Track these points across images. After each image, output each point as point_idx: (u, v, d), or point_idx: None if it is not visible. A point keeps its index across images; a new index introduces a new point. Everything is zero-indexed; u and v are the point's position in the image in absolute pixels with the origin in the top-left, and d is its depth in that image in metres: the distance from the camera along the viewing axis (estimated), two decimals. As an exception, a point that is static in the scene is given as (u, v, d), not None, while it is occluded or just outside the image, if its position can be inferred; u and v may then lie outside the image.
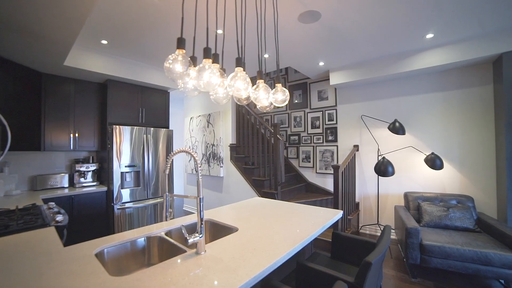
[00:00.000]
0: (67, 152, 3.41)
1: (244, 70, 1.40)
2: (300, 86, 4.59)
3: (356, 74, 3.55)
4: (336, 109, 4.14)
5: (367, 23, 2.44)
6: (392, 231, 3.54)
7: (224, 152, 4.56)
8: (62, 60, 2.64)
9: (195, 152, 4.96)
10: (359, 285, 1.17)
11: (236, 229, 1.54)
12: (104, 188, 3.19)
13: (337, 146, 4.12)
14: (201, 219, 1.15)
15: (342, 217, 3.04)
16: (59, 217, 1.74)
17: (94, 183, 3.35)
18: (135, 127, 3.36)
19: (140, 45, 2.89)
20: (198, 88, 1.18)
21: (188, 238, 1.09)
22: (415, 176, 3.43)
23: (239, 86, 1.33)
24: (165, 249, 1.43)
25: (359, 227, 3.84)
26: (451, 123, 3.21)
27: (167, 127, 3.97)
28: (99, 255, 1.23)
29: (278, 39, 2.76)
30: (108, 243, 1.29)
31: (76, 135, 3.22)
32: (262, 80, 1.48)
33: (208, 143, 4.82)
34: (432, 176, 3.31)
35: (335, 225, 2.90)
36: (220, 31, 2.52)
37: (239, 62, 1.32)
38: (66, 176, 3.22)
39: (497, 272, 2.18)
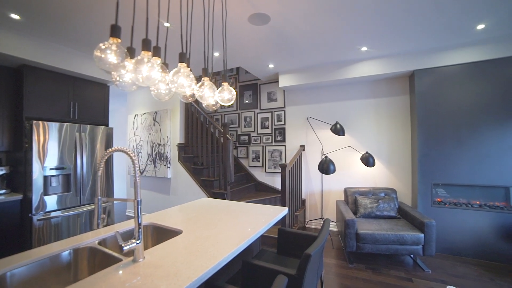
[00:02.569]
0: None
1: (188, 66, 1.34)
2: (251, 86, 4.67)
3: (303, 78, 3.78)
4: (284, 111, 4.34)
5: (313, 31, 2.62)
6: (334, 223, 3.88)
7: (172, 152, 4.33)
8: None
9: (139, 152, 4.63)
10: (300, 276, 1.24)
11: (180, 232, 1.48)
12: (19, 196, 2.66)
13: (285, 146, 4.32)
14: (139, 224, 1.06)
15: (289, 213, 3.19)
16: None
17: (3, 191, 2.74)
18: (66, 123, 2.92)
19: (70, 27, 2.50)
20: (137, 82, 1.08)
21: (123, 245, 0.99)
22: (353, 173, 3.82)
23: (182, 82, 1.27)
24: (97, 261, 1.28)
25: (306, 222, 4.09)
26: (381, 126, 3.68)
27: (107, 124, 3.58)
28: (-1, 282, 0.99)
29: (228, 38, 2.74)
30: (15, 263, 1.06)
31: (-26, 131, 2.60)
32: (207, 78, 1.44)
33: (154, 143, 4.51)
34: (366, 173, 3.74)
35: (282, 222, 3.03)
36: (167, 24, 2.38)
37: (183, 58, 1.26)
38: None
39: (409, 249, 2.63)
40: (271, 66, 3.68)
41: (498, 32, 2.68)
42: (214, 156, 3.78)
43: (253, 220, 1.68)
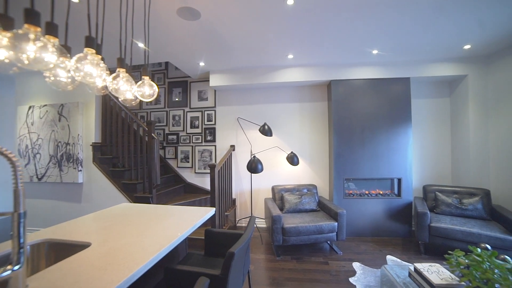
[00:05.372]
0: None
1: (99, 54, 1.16)
2: (181, 84, 4.44)
3: (234, 79, 3.83)
4: (215, 110, 4.30)
5: (245, 34, 2.68)
6: (264, 220, 4.06)
7: (85, 153, 3.71)
8: None
9: (37, 153, 3.77)
10: (224, 275, 1.23)
11: (88, 245, 1.26)
12: None
13: (215, 146, 4.28)
14: (20, 243, 0.84)
15: (218, 214, 3.17)
16: None
17: None
18: None
19: None
20: (19, 64, 0.85)
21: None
22: (280, 171, 4.09)
23: (90, 71, 1.09)
24: None
25: (237, 221, 4.14)
26: (305, 128, 4.06)
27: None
28: None
29: (155, 29, 2.53)
30: None
31: None
32: (124, 70, 1.28)
33: (59, 142, 3.77)
34: (291, 171, 4.07)
35: (212, 223, 2.99)
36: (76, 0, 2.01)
37: (90, 42, 1.08)
38: None
39: (326, 236, 2.99)
40: (202, 64, 3.59)
41: (386, 58, 3.44)
42: (138, 156, 3.42)
43: (178, 224, 1.59)
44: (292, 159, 3.69)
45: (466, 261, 1.47)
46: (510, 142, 3.02)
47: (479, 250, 1.49)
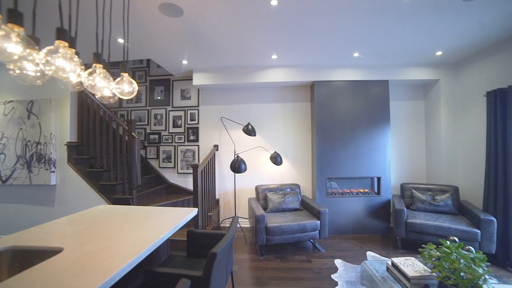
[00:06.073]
0: None
1: (73, 48, 1.10)
2: (163, 82, 4.32)
3: (217, 78, 3.79)
4: (198, 109, 4.23)
5: (228, 33, 2.65)
6: (247, 220, 4.05)
7: (58, 153, 3.51)
8: None
9: (1, 153, 3.50)
10: (206, 276, 1.21)
11: (59, 250, 1.19)
12: None
13: (198, 145, 4.21)
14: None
15: (202, 214, 3.12)
16: None
17: None
18: None
19: None
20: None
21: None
22: (263, 171, 4.10)
23: (62, 66, 1.03)
24: None
25: (220, 222, 4.10)
26: (288, 128, 4.10)
27: None
28: None
29: (135, 25, 2.43)
30: None
31: None
32: (101, 65, 1.22)
33: (29, 141, 3.53)
34: (275, 171, 4.09)
35: (195, 224, 2.93)
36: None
37: (62, 34, 1.02)
38: None
39: (309, 235, 3.03)
40: (185, 62, 3.51)
41: (367, 61, 3.56)
42: (117, 156, 3.28)
43: (159, 225, 1.55)
44: (276, 159, 3.71)
45: (437, 253, 1.55)
46: (474, 142, 3.24)
47: (448, 242, 1.57)
